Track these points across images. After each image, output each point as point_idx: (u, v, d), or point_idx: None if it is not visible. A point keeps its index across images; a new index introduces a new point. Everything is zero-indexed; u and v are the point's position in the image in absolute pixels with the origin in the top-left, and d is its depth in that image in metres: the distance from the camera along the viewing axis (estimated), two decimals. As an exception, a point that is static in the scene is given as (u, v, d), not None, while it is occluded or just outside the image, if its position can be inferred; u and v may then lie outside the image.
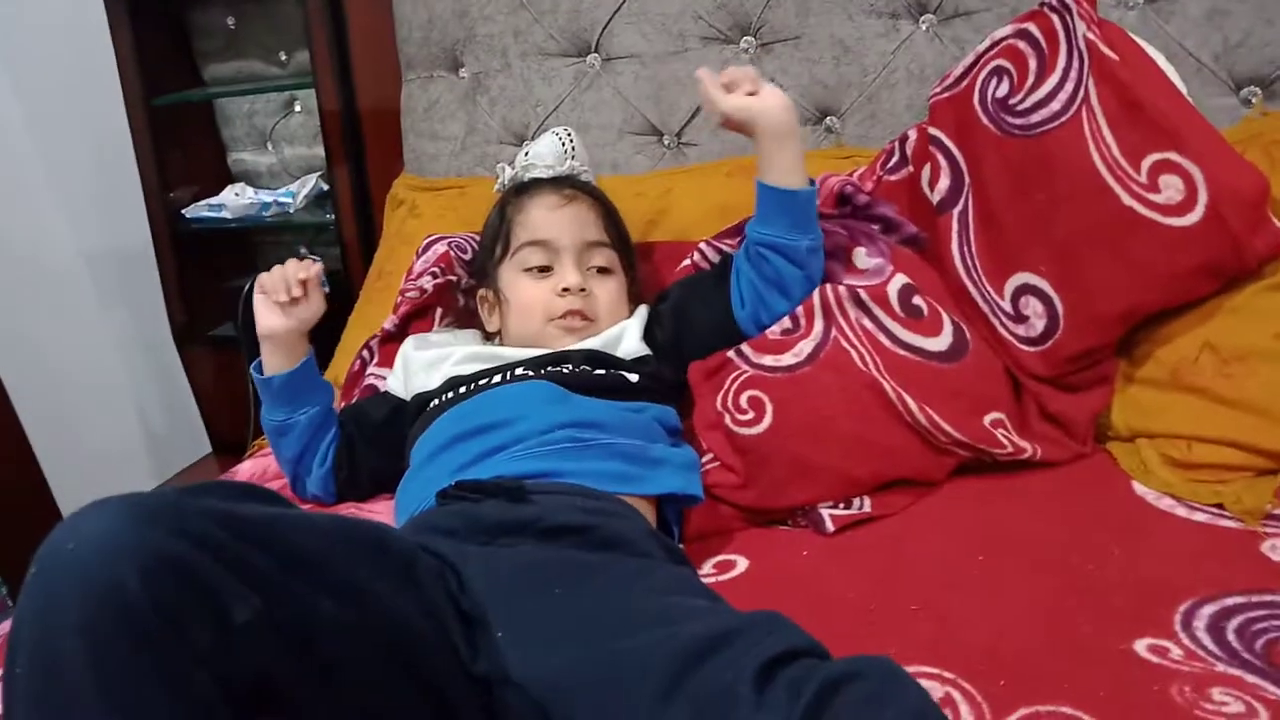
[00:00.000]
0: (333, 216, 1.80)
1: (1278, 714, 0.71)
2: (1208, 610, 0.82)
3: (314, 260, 1.13)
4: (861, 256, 1.18)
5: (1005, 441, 1.07)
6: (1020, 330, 1.14)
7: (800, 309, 1.13)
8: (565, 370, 1.06)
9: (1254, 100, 1.21)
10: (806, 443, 1.06)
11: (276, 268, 1.12)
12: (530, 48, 1.55)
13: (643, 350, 1.14)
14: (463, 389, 1.06)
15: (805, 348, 1.10)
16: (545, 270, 1.15)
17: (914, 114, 1.36)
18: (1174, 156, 1.06)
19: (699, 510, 1.05)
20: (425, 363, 1.13)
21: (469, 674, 0.72)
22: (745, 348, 1.12)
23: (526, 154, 1.27)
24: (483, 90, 1.59)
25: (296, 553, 0.63)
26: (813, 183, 1.15)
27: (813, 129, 1.45)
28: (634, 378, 1.08)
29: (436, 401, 1.08)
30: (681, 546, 1.02)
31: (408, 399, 1.14)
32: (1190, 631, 0.80)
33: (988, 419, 1.09)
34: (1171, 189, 1.05)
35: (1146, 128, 1.08)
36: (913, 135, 1.28)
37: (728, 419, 1.10)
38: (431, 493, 0.91)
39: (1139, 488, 1.03)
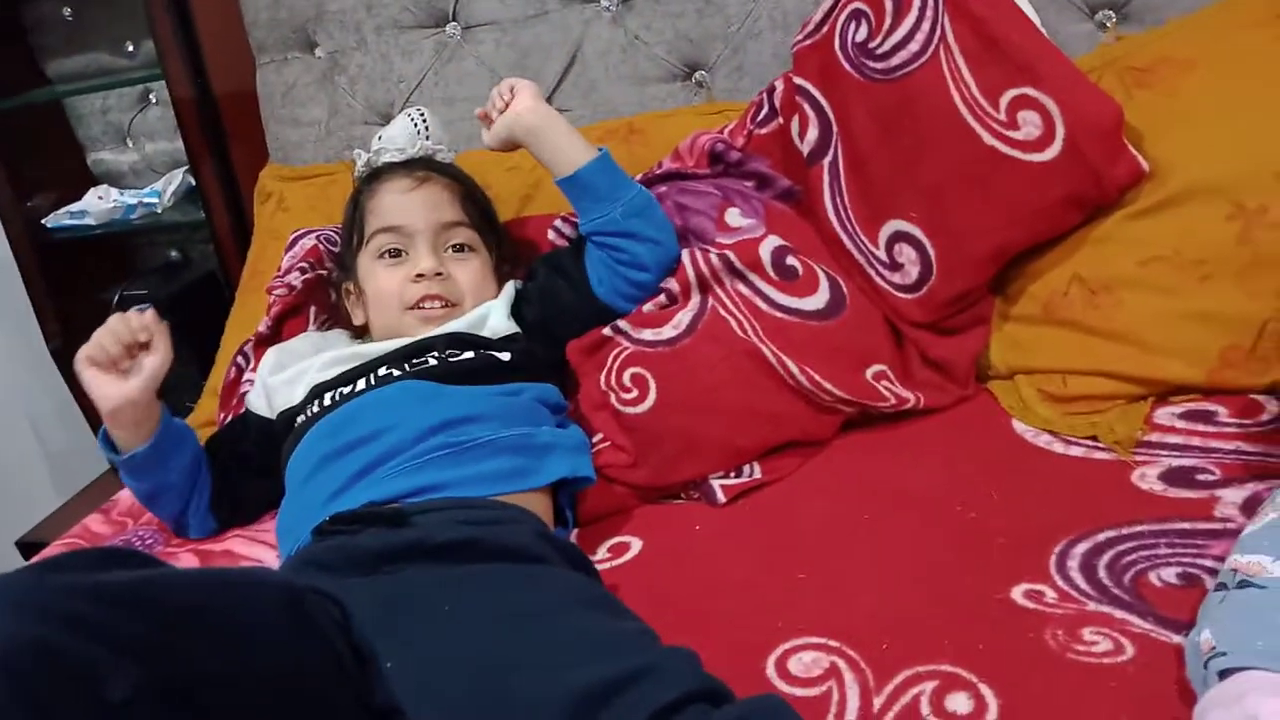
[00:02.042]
0: (205, 214, 1.71)
1: (1144, 646, 0.73)
2: (1081, 549, 0.84)
3: (140, 309, 1.01)
4: (735, 216, 1.15)
5: (888, 394, 1.07)
6: (896, 278, 1.13)
7: (675, 281, 1.10)
8: (431, 361, 1.02)
9: (1108, 24, 1.20)
10: (693, 416, 1.05)
11: (99, 332, 1.00)
12: (385, 21, 1.48)
13: (511, 328, 1.10)
14: (328, 399, 1.02)
15: (684, 319, 1.09)
16: (399, 255, 1.10)
17: (781, 63, 1.33)
18: (1031, 91, 1.05)
19: (592, 492, 1.03)
20: (285, 380, 1.08)
21: (369, 708, 0.70)
22: (624, 324, 1.10)
23: (379, 139, 1.21)
24: (340, 70, 1.51)
25: (172, 613, 0.60)
26: (600, 150, 1.14)
27: (682, 85, 1.41)
28: (505, 356, 1.05)
29: (303, 417, 1.03)
30: (574, 535, 1.01)
31: (273, 417, 1.09)
32: (1064, 572, 0.82)
33: (870, 372, 1.09)
34: (1030, 124, 1.05)
35: (1003, 64, 1.07)
36: (780, 86, 1.26)
37: (613, 398, 1.08)
38: (307, 527, 0.88)
39: (1018, 426, 1.04)
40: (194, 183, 1.78)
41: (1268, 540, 0.73)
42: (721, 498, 1.03)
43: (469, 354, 1.04)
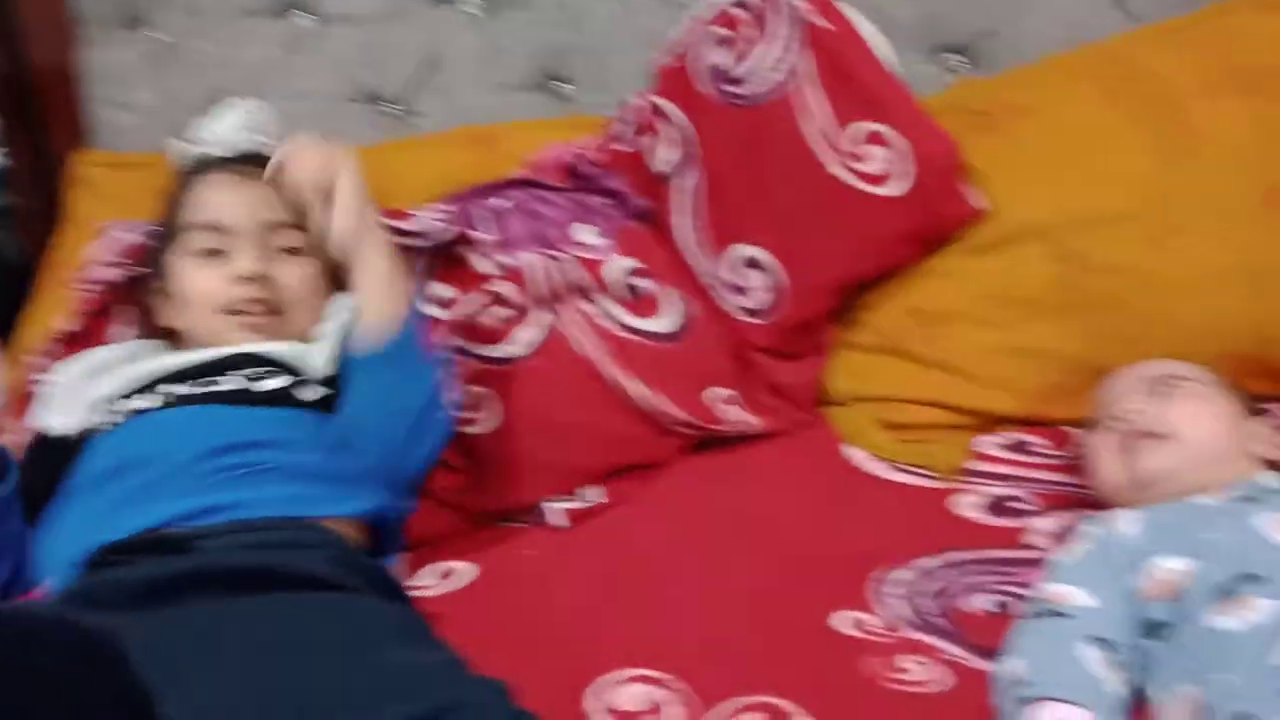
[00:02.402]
0: (10, 201, 1.56)
1: (957, 674, 0.75)
2: (901, 575, 0.86)
3: None
4: (586, 233, 1.13)
5: (730, 418, 1.08)
6: (743, 302, 1.14)
7: (515, 291, 1.07)
8: (233, 382, 0.91)
9: (956, 68, 1.25)
10: (532, 438, 1.02)
11: None
12: (228, 5, 1.39)
13: (332, 369, 0.96)
14: (109, 418, 0.91)
15: (524, 336, 1.06)
16: (217, 255, 0.98)
17: (645, 80, 1.33)
18: (878, 127, 1.08)
19: (421, 515, 0.99)
20: (82, 391, 0.96)
21: None
22: (460, 339, 1.06)
23: (205, 130, 1.12)
24: (176, 52, 1.41)
25: None
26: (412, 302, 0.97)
27: (543, 95, 1.39)
28: (313, 395, 0.93)
29: (80, 435, 0.92)
30: (400, 559, 0.96)
31: (74, 434, 0.97)
32: (884, 600, 0.84)
33: (714, 396, 1.09)
34: (877, 159, 1.07)
35: (854, 98, 1.09)
36: (641, 104, 1.25)
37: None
38: (74, 558, 0.79)
39: (854, 453, 1.06)
40: (4, 164, 1.63)
41: (1078, 571, 0.77)
42: (560, 521, 1.01)
43: (277, 381, 0.92)
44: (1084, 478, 0.92)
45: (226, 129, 1.11)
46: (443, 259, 1.11)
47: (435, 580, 0.95)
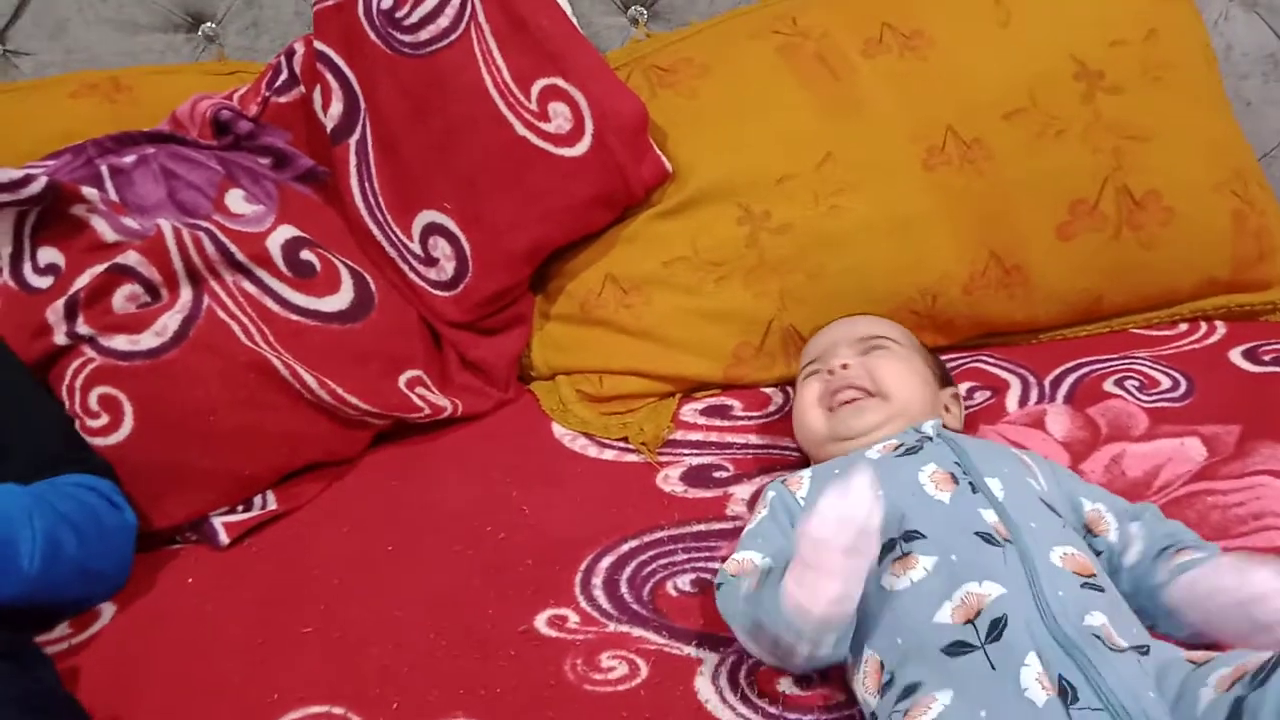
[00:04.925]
0: None
1: (658, 663, 0.72)
2: (605, 563, 0.82)
3: None
4: (238, 200, 0.98)
5: (422, 403, 0.98)
6: (432, 274, 1.05)
7: (155, 269, 0.90)
8: None
9: (640, 20, 1.21)
10: (183, 446, 0.87)
11: None
12: None
13: None
14: None
15: (170, 323, 0.90)
16: None
17: (305, 23, 1.17)
18: (560, 82, 1.01)
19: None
20: None
21: None
22: (85, 326, 0.88)
23: None
24: None
25: None
26: None
27: (186, 38, 1.19)
28: None
29: None
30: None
31: None
32: (589, 592, 0.79)
33: (403, 379, 0.99)
34: (560, 117, 1.01)
35: (533, 51, 1.02)
36: (300, 49, 1.10)
37: (76, 425, 0.86)
38: None
39: (558, 430, 1.01)
40: None
41: (759, 537, 0.76)
42: (225, 539, 0.87)
43: None
44: (785, 436, 0.93)
45: None
46: (55, 223, 0.91)
47: (65, 630, 0.78)
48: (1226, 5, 1.21)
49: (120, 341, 0.88)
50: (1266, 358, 1.00)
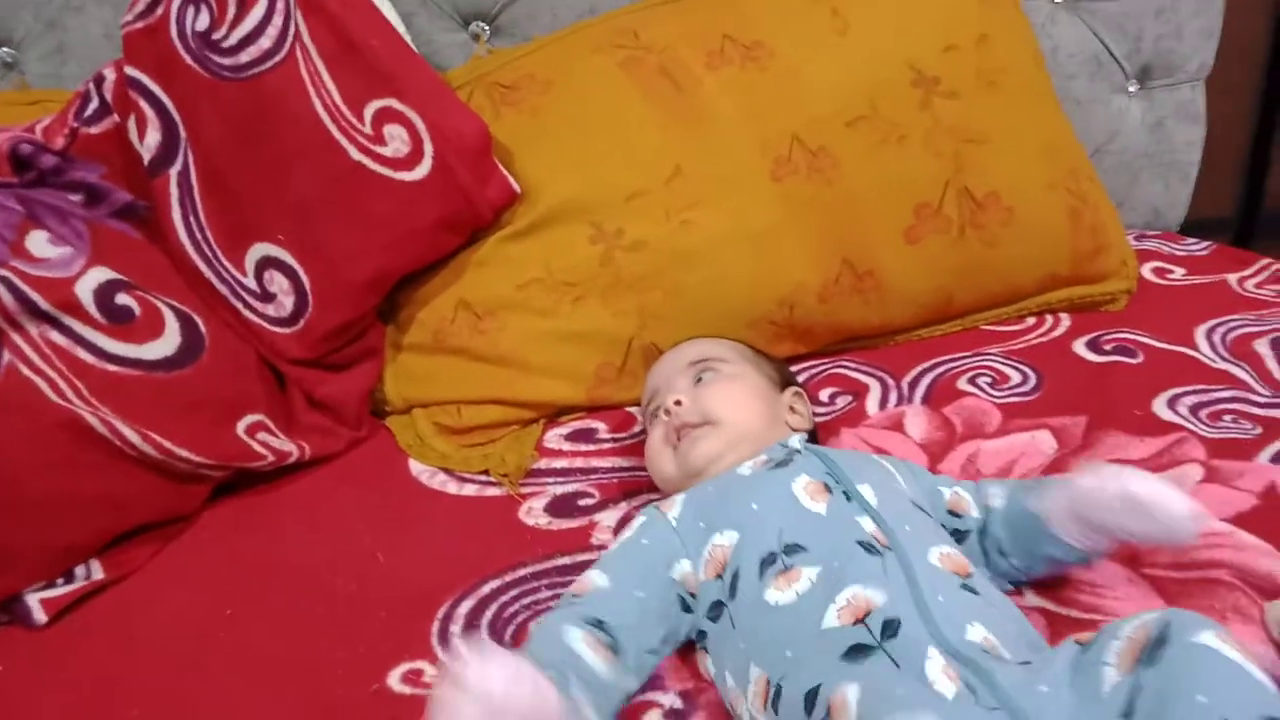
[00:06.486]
0: None
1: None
2: (464, 609, 0.77)
3: None
4: (41, 243, 0.89)
5: (264, 450, 0.92)
6: (270, 310, 0.98)
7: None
8: None
9: (481, 35, 1.18)
10: (-17, 519, 0.78)
11: None
12: None
13: None
14: None
15: (-38, 383, 0.81)
16: None
17: (116, 46, 1.08)
18: (395, 104, 0.97)
19: None
20: None
21: None
22: None
23: None
24: None
25: None
26: None
27: (-20, 64, 1.09)
28: None
29: None
30: None
31: None
32: (446, 641, 0.74)
33: (241, 425, 0.92)
34: (397, 140, 0.97)
35: (365, 72, 0.97)
36: (110, 75, 1.02)
37: None
38: None
39: (415, 467, 0.96)
40: None
41: (613, 558, 0.73)
42: (41, 617, 0.79)
43: None
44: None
45: None
46: None
47: None
48: (1052, 9, 1.27)
49: (-98, 407, 0.79)
50: (1107, 347, 1.04)
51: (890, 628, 0.59)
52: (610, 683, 0.64)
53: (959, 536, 0.74)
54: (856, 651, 0.59)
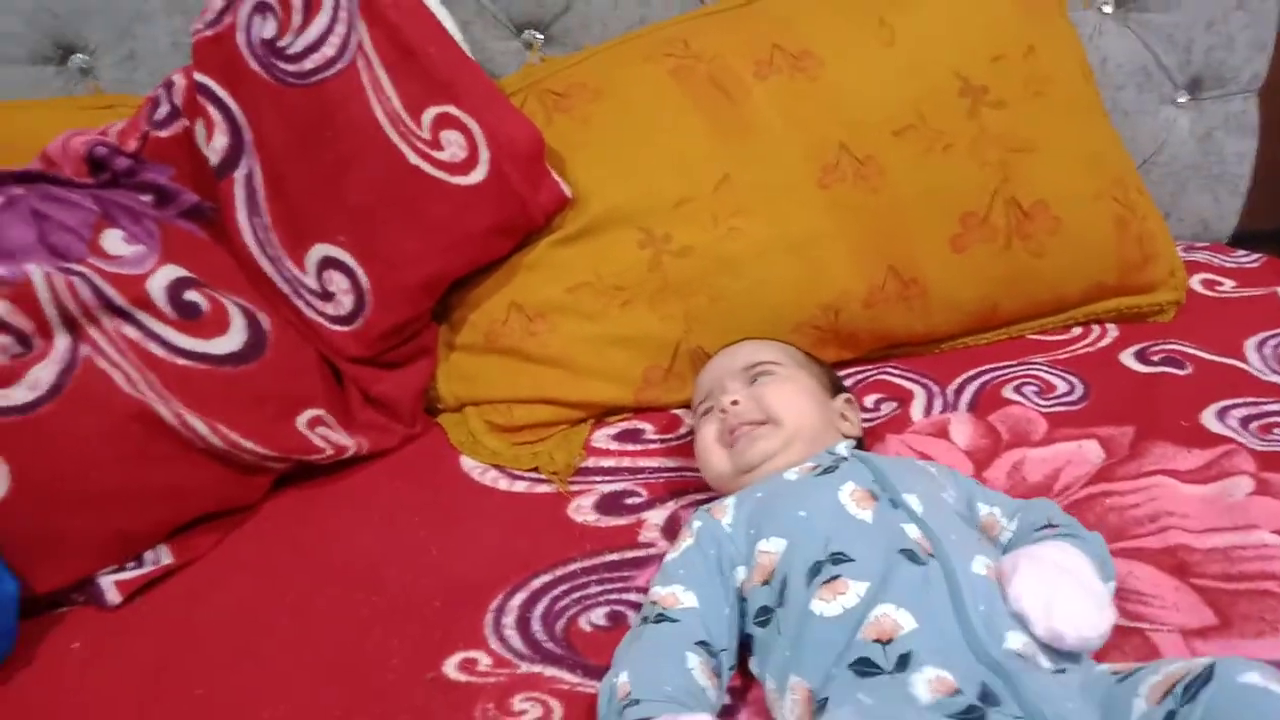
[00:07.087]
0: None
1: (571, 703, 0.70)
2: (516, 601, 0.80)
3: None
4: (115, 241, 0.93)
5: (324, 443, 0.95)
6: (329, 309, 1.01)
7: (26, 318, 0.84)
8: None
9: (534, 44, 1.20)
10: (58, 509, 0.82)
11: None
12: None
13: None
14: None
15: (45, 376, 0.84)
16: None
17: (184, 54, 1.13)
18: (452, 110, 1.00)
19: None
20: None
21: None
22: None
23: None
24: None
25: None
26: None
27: (57, 70, 1.13)
28: None
29: None
30: None
31: None
32: (500, 632, 0.77)
33: (302, 420, 0.95)
34: (454, 145, 0.99)
35: (423, 78, 1.00)
36: (180, 81, 1.05)
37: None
38: None
39: (466, 463, 0.99)
40: None
41: (683, 568, 0.74)
42: (115, 598, 0.82)
43: None
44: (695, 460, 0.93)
45: None
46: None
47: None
48: (1100, 20, 1.27)
49: (-11, 396, 0.83)
50: (1155, 358, 1.04)
51: (905, 662, 0.60)
52: (716, 705, 0.67)
53: None
54: (866, 665, 0.61)
